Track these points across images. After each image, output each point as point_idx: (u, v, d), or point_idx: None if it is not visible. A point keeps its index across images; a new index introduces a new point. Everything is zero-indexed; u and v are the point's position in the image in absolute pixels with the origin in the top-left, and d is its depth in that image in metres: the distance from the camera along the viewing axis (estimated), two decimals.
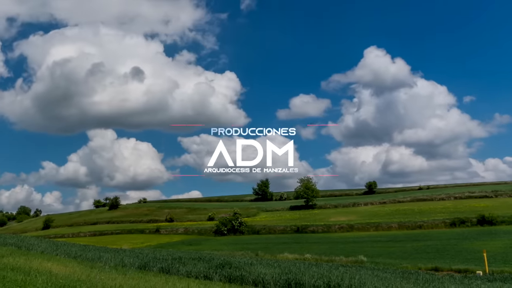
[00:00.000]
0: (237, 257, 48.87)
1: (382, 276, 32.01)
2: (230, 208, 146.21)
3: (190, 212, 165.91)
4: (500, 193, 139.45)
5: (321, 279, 25.61)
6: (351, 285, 24.39)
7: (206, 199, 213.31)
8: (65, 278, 18.88)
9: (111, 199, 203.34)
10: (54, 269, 21.50)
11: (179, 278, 26.30)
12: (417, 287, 26.08)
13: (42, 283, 16.30)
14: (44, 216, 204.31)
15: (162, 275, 26.98)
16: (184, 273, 28.63)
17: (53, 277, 18.41)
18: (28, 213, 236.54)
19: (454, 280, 34.11)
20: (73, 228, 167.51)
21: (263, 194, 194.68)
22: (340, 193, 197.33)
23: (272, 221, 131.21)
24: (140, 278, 23.59)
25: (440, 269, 52.95)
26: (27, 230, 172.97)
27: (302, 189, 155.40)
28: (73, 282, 18.04)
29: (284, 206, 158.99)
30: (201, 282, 25.77)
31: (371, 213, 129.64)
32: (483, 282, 33.10)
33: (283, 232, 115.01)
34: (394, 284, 25.48)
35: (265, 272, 27.72)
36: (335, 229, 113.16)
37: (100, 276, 21.62)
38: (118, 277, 22.45)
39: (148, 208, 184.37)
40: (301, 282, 25.48)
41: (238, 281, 26.99)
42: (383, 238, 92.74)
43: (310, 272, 28.42)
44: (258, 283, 26.38)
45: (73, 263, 25.47)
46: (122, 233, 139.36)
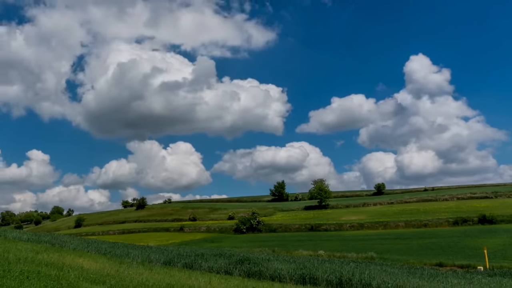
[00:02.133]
0: (255, 254, 48.65)
1: (390, 271, 31.78)
2: (248, 208, 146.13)
3: (211, 211, 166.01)
4: (499, 194, 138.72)
5: (334, 274, 25.54)
6: (362, 279, 24.22)
7: (226, 199, 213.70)
8: (96, 273, 18.83)
9: (138, 199, 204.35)
10: (85, 265, 21.46)
11: (201, 273, 26.17)
12: (423, 281, 25.59)
13: (74, 278, 16.21)
14: (76, 216, 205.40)
15: (185, 270, 26.89)
16: (206, 268, 28.55)
17: (85, 272, 18.36)
18: (61, 212, 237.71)
19: (457, 275, 33.95)
20: (103, 226, 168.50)
21: (279, 195, 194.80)
22: (351, 194, 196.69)
23: (288, 220, 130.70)
24: (165, 273, 23.45)
25: (444, 265, 52.75)
26: (60, 229, 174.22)
27: (315, 190, 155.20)
28: (103, 277, 17.96)
29: (299, 206, 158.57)
30: (222, 276, 25.64)
31: (380, 213, 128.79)
32: (483, 277, 33.00)
33: (298, 230, 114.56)
34: (401, 279, 25.11)
35: (281, 268, 27.57)
36: (347, 228, 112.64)
37: (128, 271, 21.57)
38: (145, 272, 22.36)
39: (173, 208, 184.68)
40: (315, 277, 25.45)
41: (256, 276, 26.90)
42: (391, 236, 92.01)
43: (323, 268, 28.20)
44: (275, 277, 26.29)
45: (103, 259, 25.44)
46: (148, 231, 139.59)
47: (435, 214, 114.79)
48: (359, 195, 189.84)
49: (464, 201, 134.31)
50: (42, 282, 13.87)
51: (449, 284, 25.46)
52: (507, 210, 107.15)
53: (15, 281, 13.43)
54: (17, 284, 12.98)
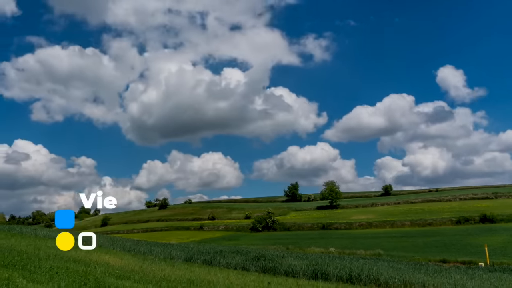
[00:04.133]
0: (270, 251, 48.37)
1: (396, 267, 31.36)
2: (264, 208, 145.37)
3: (229, 211, 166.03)
4: (499, 194, 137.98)
5: (344, 270, 25.33)
6: (370, 275, 24.07)
7: (243, 200, 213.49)
8: (121, 269, 18.76)
9: (161, 200, 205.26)
10: (111, 261, 21.42)
11: (220, 269, 26.03)
12: (427, 276, 25.25)
13: (100, 273, 16.15)
14: (102, 215, 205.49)
15: (205, 266, 26.77)
16: (224, 264, 28.40)
17: (110, 268, 18.27)
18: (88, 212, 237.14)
19: (459, 271, 33.48)
20: (127, 225, 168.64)
21: (293, 196, 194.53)
22: (360, 194, 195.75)
23: (301, 219, 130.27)
24: (186, 269, 23.34)
25: (447, 261, 52.05)
26: (87, 227, 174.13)
27: (327, 191, 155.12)
28: (128, 272, 17.87)
29: (311, 206, 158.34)
30: (239, 272, 25.43)
31: (387, 212, 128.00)
32: (484, 272, 32.67)
33: (311, 229, 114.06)
34: (407, 274, 24.86)
35: (295, 264, 27.33)
36: (356, 226, 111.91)
37: (151, 267, 21.51)
38: (167, 268, 22.28)
39: (193, 208, 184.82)
40: (326, 272, 25.18)
41: (271, 272, 26.66)
42: (397, 234, 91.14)
43: (334, 264, 27.93)
44: (288, 273, 26.02)
45: (128, 256, 25.41)
46: (170, 230, 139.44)
47: (439, 214, 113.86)
48: (368, 196, 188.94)
49: (466, 202, 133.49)
50: (70, 277, 13.82)
51: (452, 279, 24.94)
52: (506, 210, 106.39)
53: (45, 276, 13.41)
54: (47, 279, 12.94)
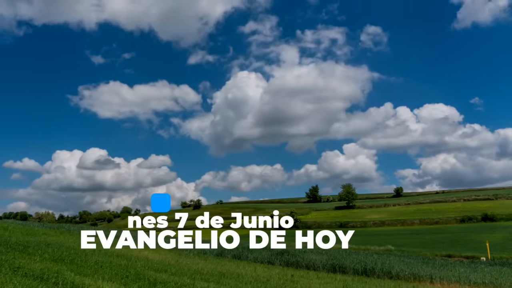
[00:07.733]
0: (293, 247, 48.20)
1: (407, 261, 31.37)
2: (288, 208, 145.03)
3: (255, 211, 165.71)
4: (499, 196, 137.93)
5: (359, 264, 25.40)
6: (383, 268, 24.19)
7: (269, 200, 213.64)
8: (159, 263, 18.65)
9: (195, 201, 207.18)
10: (150, 256, 21.31)
11: (248, 263, 25.88)
12: (435, 270, 25.64)
13: (140, 267, 16.08)
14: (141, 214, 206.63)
15: (234, 261, 26.60)
16: (252, 259, 28.20)
17: (149, 262, 18.20)
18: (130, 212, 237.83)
19: (463, 264, 34.02)
20: None
21: (314, 197, 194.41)
22: (374, 196, 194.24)
23: (321, 218, 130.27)
24: (217, 262, 23.19)
25: (453, 256, 52.29)
26: None
27: (344, 193, 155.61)
28: (165, 266, 17.79)
29: (330, 206, 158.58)
30: (265, 266, 25.31)
31: (398, 212, 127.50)
32: (486, 266, 33.22)
33: (329, 227, 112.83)
34: (416, 267, 25.22)
35: (315, 258, 27.19)
36: (370, 225, 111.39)
37: (186, 261, 21.39)
38: (200, 262, 22.15)
39: (223, 208, 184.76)
40: (343, 266, 25.21)
41: (294, 265, 26.57)
42: (407, 232, 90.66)
43: (350, 258, 27.88)
44: (310, 267, 26.01)
45: (165, 251, 25.32)
46: None
47: (445, 213, 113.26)
48: (381, 197, 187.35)
49: (469, 202, 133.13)
50: (113, 270, 13.75)
51: (457, 272, 25.27)
52: (506, 210, 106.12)
53: (91, 270, 13.34)
54: (93, 272, 12.84)
